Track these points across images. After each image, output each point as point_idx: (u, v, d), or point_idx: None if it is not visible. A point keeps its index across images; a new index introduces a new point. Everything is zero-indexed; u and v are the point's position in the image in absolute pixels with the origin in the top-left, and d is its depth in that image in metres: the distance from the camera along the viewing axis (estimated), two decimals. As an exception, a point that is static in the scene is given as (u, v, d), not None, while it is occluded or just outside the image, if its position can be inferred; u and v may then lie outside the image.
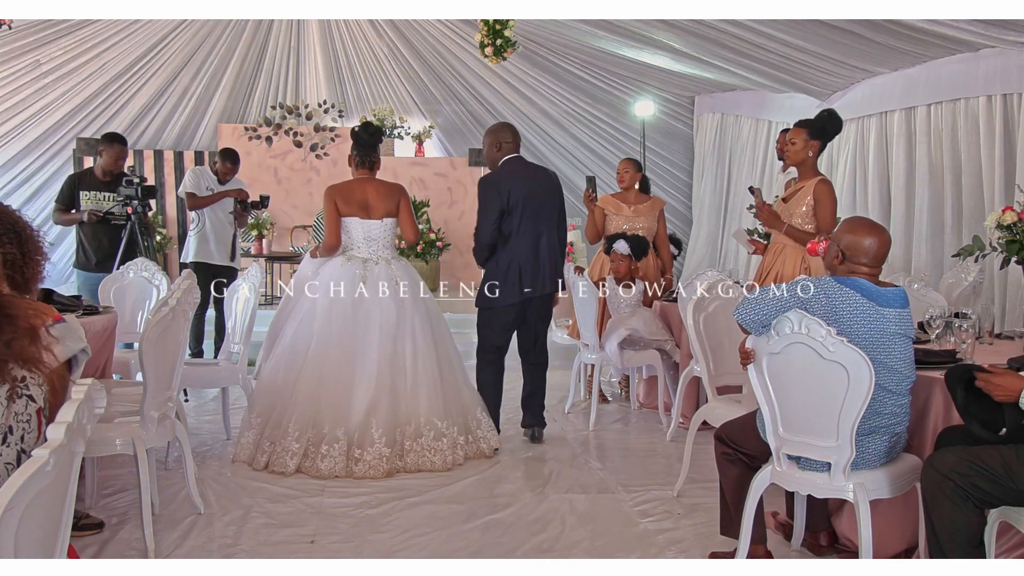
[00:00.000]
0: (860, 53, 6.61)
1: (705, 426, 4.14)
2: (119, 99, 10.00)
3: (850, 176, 7.57)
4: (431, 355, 4.76)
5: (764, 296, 2.99)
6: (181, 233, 10.58)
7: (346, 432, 4.53)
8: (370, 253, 4.87)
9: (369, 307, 4.72)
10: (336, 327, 4.70)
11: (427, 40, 9.68)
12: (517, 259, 4.97)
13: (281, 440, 4.54)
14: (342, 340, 4.67)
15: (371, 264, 4.83)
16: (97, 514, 3.83)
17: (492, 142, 5.09)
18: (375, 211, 4.88)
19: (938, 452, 2.80)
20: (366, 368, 4.63)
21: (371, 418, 4.56)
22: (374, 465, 4.47)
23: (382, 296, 4.73)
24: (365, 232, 4.87)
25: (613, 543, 3.68)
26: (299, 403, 4.59)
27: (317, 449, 4.49)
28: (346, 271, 4.81)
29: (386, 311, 4.72)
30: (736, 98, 9.51)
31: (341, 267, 4.84)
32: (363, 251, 4.88)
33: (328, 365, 4.64)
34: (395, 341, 4.69)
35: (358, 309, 4.71)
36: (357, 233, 4.88)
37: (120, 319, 4.82)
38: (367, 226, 4.87)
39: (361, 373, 4.63)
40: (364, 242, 4.88)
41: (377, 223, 4.88)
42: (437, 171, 10.66)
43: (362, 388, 4.61)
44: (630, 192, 6.08)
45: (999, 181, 5.94)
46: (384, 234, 4.90)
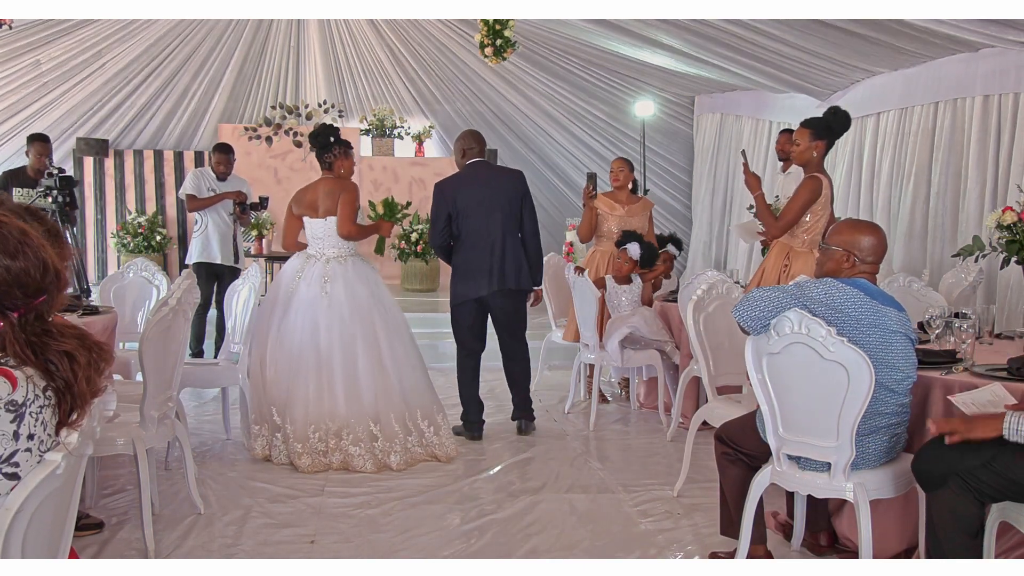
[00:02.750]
0: (860, 53, 6.61)
1: (705, 426, 4.14)
2: (119, 99, 10.01)
3: (848, 176, 7.57)
4: (365, 353, 4.80)
5: (764, 295, 2.99)
6: (181, 233, 10.59)
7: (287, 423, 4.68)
8: (315, 250, 5.03)
9: (299, 302, 4.87)
10: (282, 322, 4.87)
11: (427, 40, 9.68)
12: (470, 259, 5.16)
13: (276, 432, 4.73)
14: (286, 333, 4.83)
15: (312, 260, 4.99)
16: (97, 514, 3.83)
17: (458, 148, 5.37)
18: (320, 210, 5.01)
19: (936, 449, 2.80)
20: (298, 361, 4.76)
21: (298, 412, 4.67)
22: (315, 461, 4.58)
23: (311, 292, 4.87)
24: (311, 230, 5.05)
25: (613, 543, 3.68)
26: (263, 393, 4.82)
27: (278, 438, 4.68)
28: (288, 267, 5.06)
29: (313, 307, 4.83)
30: (736, 98, 9.51)
31: (288, 263, 5.09)
32: (312, 248, 5.05)
33: (270, 357, 4.83)
34: (324, 336, 4.78)
35: (291, 303, 4.88)
36: (308, 231, 5.05)
37: (120, 319, 4.82)
38: (313, 225, 5.03)
39: (294, 365, 4.76)
40: (312, 240, 5.06)
41: (320, 221, 5.01)
42: (437, 171, 10.63)
43: (306, 382, 4.73)
44: (622, 192, 6.09)
45: (999, 181, 5.94)
46: (327, 232, 5.00)
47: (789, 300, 2.95)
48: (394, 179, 10.53)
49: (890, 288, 4.60)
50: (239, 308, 5.01)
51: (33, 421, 1.71)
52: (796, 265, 4.60)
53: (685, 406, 5.29)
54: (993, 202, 5.91)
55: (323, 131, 5.13)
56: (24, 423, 1.69)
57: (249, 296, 4.96)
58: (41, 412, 1.72)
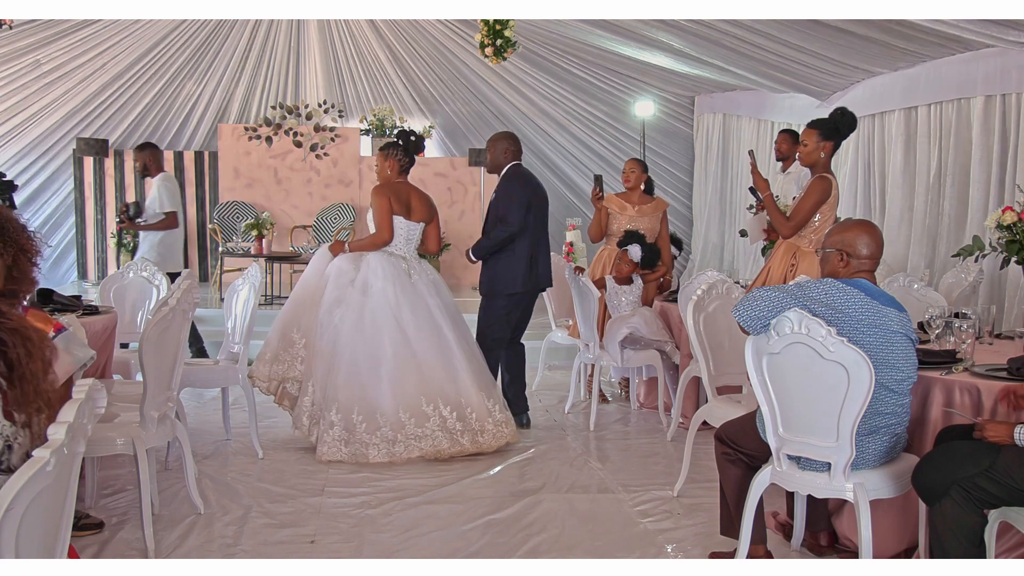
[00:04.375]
0: (860, 53, 6.61)
1: (705, 426, 4.14)
2: (119, 99, 10.01)
3: (850, 176, 7.57)
4: (465, 345, 5.09)
5: (764, 295, 2.99)
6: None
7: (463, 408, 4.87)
8: (406, 252, 5.16)
9: (425, 296, 5.03)
10: (405, 319, 4.96)
11: (427, 40, 9.68)
12: (532, 251, 5.42)
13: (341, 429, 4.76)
14: (410, 330, 4.94)
15: (401, 260, 5.12)
16: (97, 514, 3.83)
17: (499, 148, 5.55)
18: (416, 214, 5.16)
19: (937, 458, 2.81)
20: (451, 349, 4.97)
21: (475, 391, 4.91)
22: (496, 434, 4.87)
23: (430, 288, 5.09)
24: (408, 232, 5.15)
25: (613, 543, 3.68)
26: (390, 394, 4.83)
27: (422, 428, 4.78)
28: (392, 265, 5.06)
29: (436, 301, 5.06)
30: (736, 98, 9.51)
31: (387, 262, 5.07)
32: (401, 249, 5.15)
33: (410, 354, 4.90)
34: (446, 331, 5.02)
35: (418, 298, 5.01)
36: (401, 232, 5.13)
37: (120, 319, 4.82)
38: (410, 227, 5.15)
39: (450, 353, 4.96)
40: (404, 242, 5.16)
41: (417, 226, 5.18)
42: (437, 171, 10.66)
43: (457, 366, 4.94)
44: (634, 192, 6.08)
45: (999, 181, 5.94)
46: (419, 237, 5.23)
47: (789, 300, 2.95)
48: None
49: (890, 288, 4.60)
50: (239, 308, 5.00)
51: None
52: (803, 265, 4.59)
53: (685, 406, 5.29)
54: (993, 202, 5.91)
55: (420, 139, 5.38)
56: None
57: (249, 296, 4.95)
58: None
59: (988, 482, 2.62)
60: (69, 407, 1.85)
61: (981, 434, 2.74)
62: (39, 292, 4.28)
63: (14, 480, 1.66)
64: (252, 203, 10.28)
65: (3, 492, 1.64)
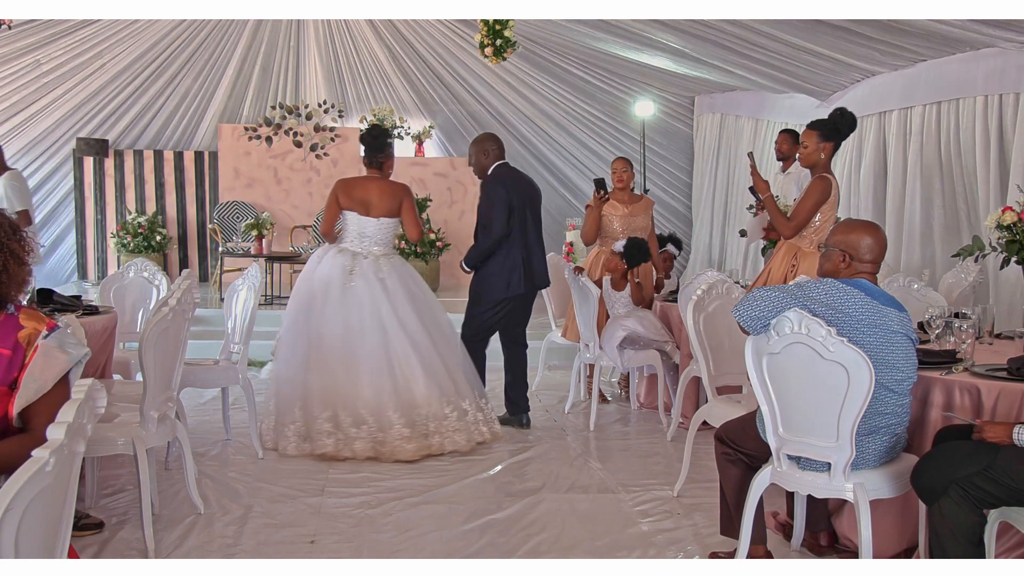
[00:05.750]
0: (860, 53, 6.61)
1: (705, 426, 4.14)
2: (119, 99, 10.01)
3: (848, 176, 7.57)
4: (427, 343, 5.00)
5: (764, 295, 2.98)
6: (181, 234, 10.62)
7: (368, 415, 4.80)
8: (361, 248, 5.12)
9: (360, 296, 4.97)
10: (331, 316, 4.97)
11: (427, 40, 9.68)
12: (519, 255, 5.34)
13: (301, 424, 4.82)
14: (337, 328, 4.95)
15: (360, 257, 5.08)
16: (97, 514, 3.83)
17: (480, 150, 5.47)
18: (375, 210, 5.12)
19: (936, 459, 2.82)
20: (365, 354, 4.90)
21: (383, 401, 4.83)
22: (398, 447, 4.71)
23: (370, 287, 4.99)
24: (360, 228, 5.12)
25: (613, 543, 3.68)
26: (312, 390, 4.88)
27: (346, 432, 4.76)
28: (336, 262, 5.07)
29: (375, 301, 4.97)
30: (736, 98, 9.51)
31: (332, 259, 5.10)
32: (355, 245, 5.12)
33: (331, 352, 4.92)
34: (385, 329, 4.94)
35: (348, 298, 4.97)
36: (352, 228, 5.12)
37: (120, 319, 4.82)
38: (363, 223, 5.11)
39: (363, 358, 4.90)
40: (357, 237, 5.13)
41: (373, 221, 5.12)
42: (437, 171, 10.66)
43: (365, 373, 4.87)
44: (624, 192, 6.08)
45: (998, 181, 5.94)
46: (378, 232, 5.15)
47: (789, 300, 2.95)
48: (393, 179, 10.50)
49: (890, 288, 4.60)
50: (239, 308, 5.00)
51: None
52: (804, 265, 4.59)
53: (685, 406, 5.29)
54: (994, 202, 5.90)
55: (381, 133, 5.34)
56: None
57: (248, 297, 4.95)
58: None
59: (987, 482, 2.62)
60: (68, 407, 1.85)
61: (980, 435, 2.74)
62: (39, 292, 4.28)
63: (13, 480, 1.66)
64: (252, 203, 10.28)
65: (2, 492, 1.64)
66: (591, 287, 5.50)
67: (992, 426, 2.75)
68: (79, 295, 4.95)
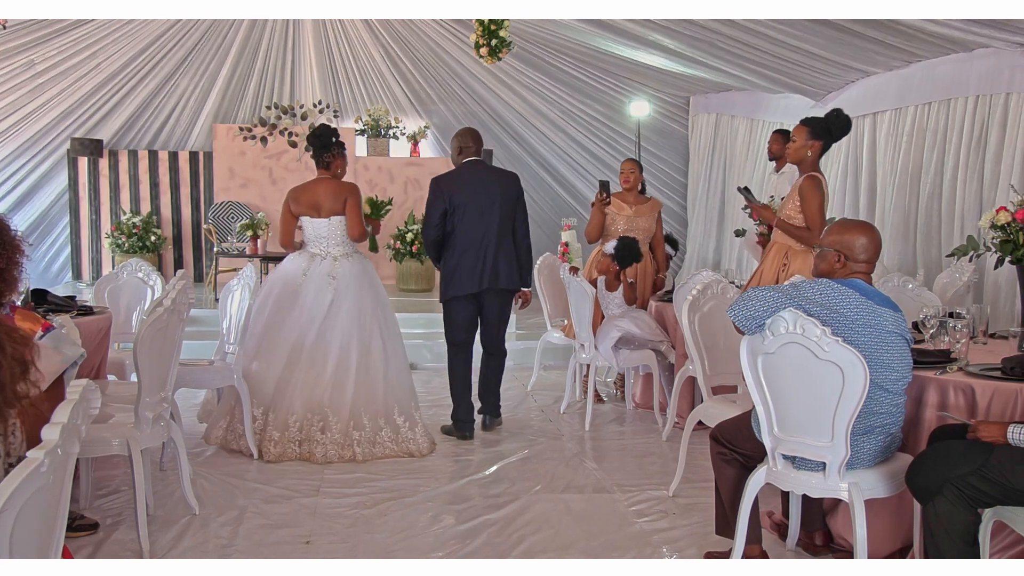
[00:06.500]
0: (855, 53, 6.62)
1: (701, 426, 4.15)
2: (114, 99, 9.99)
3: (843, 176, 7.59)
4: (363, 350, 5.00)
5: (759, 295, 2.99)
6: (176, 234, 10.59)
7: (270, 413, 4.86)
8: (319, 249, 5.15)
9: (306, 298, 5.02)
10: (279, 317, 5.03)
11: (422, 40, 9.67)
12: (464, 256, 5.21)
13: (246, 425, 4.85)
14: (283, 329, 5.00)
15: (317, 259, 5.13)
16: (92, 515, 3.82)
17: (454, 145, 5.41)
18: (324, 210, 5.15)
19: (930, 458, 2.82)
20: (303, 355, 4.94)
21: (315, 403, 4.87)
22: (331, 451, 4.76)
23: (317, 290, 5.01)
24: (314, 230, 5.16)
25: (609, 543, 3.68)
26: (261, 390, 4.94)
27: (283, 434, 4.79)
28: (291, 265, 5.15)
29: (318, 303, 5.00)
30: (731, 98, 9.52)
31: (290, 261, 5.19)
32: (314, 247, 5.17)
33: (277, 352, 4.97)
34: (321, 332, 4.98)
35: (295, 300, 5.04)
36: (308, 231, 5.17)
37: (115, 319, 4.81)
38: (315, 224, 5.16)
39: (297, 360, 4.94)
40: (314, 239, 5.17)
41: (323, 221, 5.15)
42: (433, 171, 10.50)
43: (299, 375, 4.91)
44: (631, 192, 6.08)
45: (993, 180, 5.95)
46: (331, 232, 5.16)
47: (784, 300, 2.95)
48: (389, 179, 10.52)
49: (884, 288, 4.60)
50: (233, 309, 5.00)
51: None
52: (795, 265, 4.60)
53: (680, 406, 5.29)
54: (987, 202, 5.92)
55: (325, 131, 5.30)
56: None
57: (243, 297, 4.95)
58: None
59: (981, 481, 2.63)
60: (63, 408, 1.84)
61: (975, 435, 2.75)
62: (34, 292, 4.27)
63: (8, 481, 1.65)
64: (247, 203, 10.26)
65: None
66: (586, 287, 5.50)
67: (986, 426, 2.75)
68: (73, 295, 4.94)
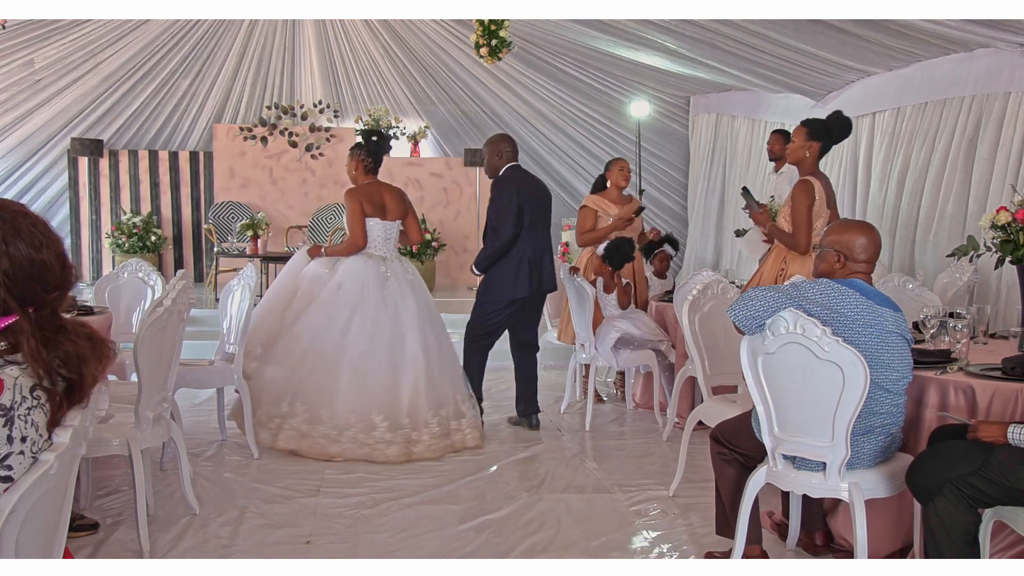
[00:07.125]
0: (855, 53, 6.62)
1: (701, 426, 4.15)
2: (113, 99, 9.99)
3: (844, 176, 7.59)
4: (444, 344, 5.16)
5: (759, 295, 2.99)
6: (176, 234, 10.59)
7: (400, 418, 4.85)
8: (386, 252, 5.22)
9: (397, 299, 5.06)
10: (370, 320, 5.00)
11: (422, 41, 9.67)
12: (527, 257, 5.33)
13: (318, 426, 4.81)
14: (378, 331, 4.98)
15: (389, 261, 5.19)
16: (92, 515, 3.82)
17: (494, 151, 5.46)
18: (391, 213, 5.21)
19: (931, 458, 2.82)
20: (407, 356, 4.98)
21: (420, 402, 4.91)
22: (431, 445, 4.83)
23: (401, 290, 5.10)
24: (384, 232, 5.21)
25: (609, 543, 3.68)
26: (345, 393, 4.86)
27: (369, 435, 4.77)
28: (370, 267, 5.13)
29: (409, 303, 5.07)
30: (731, 98, 9.52)
31: (364, 264, 5.14)
32: (380, 249, 5.21)
33: (371, 356, 4.96)
34: (421, 331, 5.05)
35: (388, 302, 5.05)
36: (377, 233, 5.18)
37: (115, 319, 4.81)
38: (384, 227, 5.20)
39: (403, 361, 4.96)
40: (382, 241, 5.21)
41: (393, 224, 5.23)
42: (433, 171, 10.66)
43: (406, 375, 4.94)
44: (612, 191, 6.07)
45: (993, 181, 5.95)
46: (396, 235, 5.28)
47: (785, 300, 2.95)
48: (389, 179, 10.38)
49: (885, 288, 4.61)
50: (234, 309, 5.00)
51: (23, 424, 1.67)
52: (793, 266, 4.60)
53: (681, 406, 5.29)
54: (987, 202, 5.92)
55: (383, 135, 5.39)
56: (15, 427, 1.66)
57: (244, 297, 4.94)
58: (30, 414, 1.68)
59: (981, 481, 2.63)
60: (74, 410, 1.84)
61: (975, 435, 2.75)
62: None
63: (19, 484, 1.65)
64: (247, 203, 10.27)
65: (8, 496, 1.63)
66: (586, 287, 5.51)
67: (987, 426, 2.75)
68: (74, 295, 4.94)
